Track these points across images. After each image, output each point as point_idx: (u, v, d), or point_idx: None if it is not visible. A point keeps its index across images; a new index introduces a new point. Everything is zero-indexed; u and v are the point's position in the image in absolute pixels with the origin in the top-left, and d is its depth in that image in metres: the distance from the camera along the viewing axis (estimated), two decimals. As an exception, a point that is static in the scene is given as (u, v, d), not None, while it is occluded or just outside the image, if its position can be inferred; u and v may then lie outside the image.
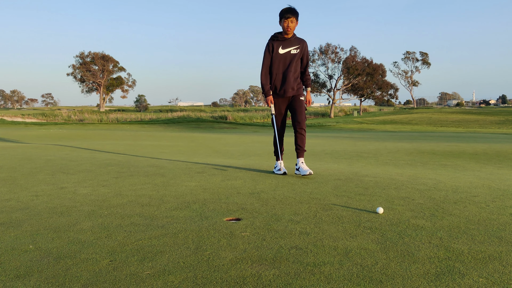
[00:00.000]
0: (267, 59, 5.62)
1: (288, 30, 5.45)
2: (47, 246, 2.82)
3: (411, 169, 7.17)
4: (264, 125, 38.19)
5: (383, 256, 2.61)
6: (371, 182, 5.16)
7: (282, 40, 5.55)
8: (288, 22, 5.42)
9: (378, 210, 3.68)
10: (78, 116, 57.18)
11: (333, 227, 3.26)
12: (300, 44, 5.61)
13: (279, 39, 5.55)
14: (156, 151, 10.31)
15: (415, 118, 46.67)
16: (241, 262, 2.52)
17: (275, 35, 5.58)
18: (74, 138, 16.17)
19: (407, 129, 33.16)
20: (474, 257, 2.61)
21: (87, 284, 2.22)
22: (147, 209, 3.82)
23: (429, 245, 2.83)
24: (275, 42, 5.57)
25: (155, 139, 16.26)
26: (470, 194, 4.53)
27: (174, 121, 39.11)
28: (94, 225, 3.33)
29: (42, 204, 4.07)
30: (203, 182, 5.19)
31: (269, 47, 5.60)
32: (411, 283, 2.22)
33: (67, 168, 6.53)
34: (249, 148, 11.99)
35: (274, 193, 4.51)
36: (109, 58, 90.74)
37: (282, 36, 5.54)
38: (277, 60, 5.58)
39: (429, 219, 3.47)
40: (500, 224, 3.34)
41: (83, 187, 4.91)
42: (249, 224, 3.32)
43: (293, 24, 5.46)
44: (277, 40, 5.57)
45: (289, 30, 5.45)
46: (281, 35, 5.55)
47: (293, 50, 5.58)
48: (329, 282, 2.22)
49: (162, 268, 2.43)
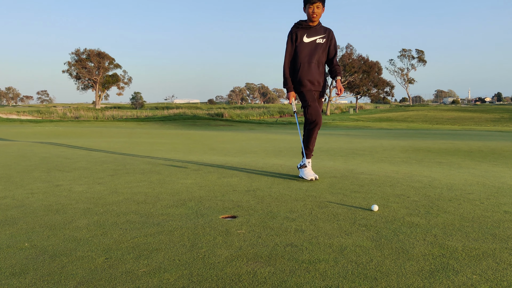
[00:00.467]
0: (290, 49, 5.11)
1: (313, 17, 4.94)
2: (42, 244, 2.82)
3: (407, 166, 7.19)
4: (261, 122, 38.19)
5: (378, 254, 2.63)
6: (367, 180, 5.18)
7: (307, 28, 5.06)
8: (313, 8, 4.90)
9: (373, 207, 3.70)
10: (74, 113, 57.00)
11: (329, 224, 3.27)
12: (327, 33, 5.11)
13: (304, 26, 5.05)
14: (152, 149, 10.30)
15: (410, 115, 46.81)
16: (237, 259, 2.53)
17: (299, 22, 5.08)
18: (69, 136, 16.13)
19: (402, 127, 33.25)
20: (468, 254, 2.62)
21: (82, 281, 2.23)
22: (143, 207, 3.82)
23: (424, 242, 2.85)
24: (299, 30, 5.06)
25: (151, 136, 16.23)
26: (465, 191, 4.56)
27: (170, 118, 39.05)
28: (89, 222, 3.33)
29: (37, 201, 4.07)
30: (199, 179, 5.19)
31: (292, 35, 5.10)
32: (406, 280, 2.24)
33: (63, 165, 6.51)
34: (245, 145, 11.99)
35: (270, 190, 4.52)
36: (104, 55, 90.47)
37: (307, 24, 5.04)
38: (302, 50, 5.06)
39: (424, 217, 3.49)
40: (494, 222, 3.36)
41: (79, 185, 4.90)
42: (244, 222, 3.33)
43: (319, 10, 4.94)
44: (301, 28, 5.06)
45: (315, 16, 4.94)
46: (306, 22, 5.04)
47: (319, 39, 5.07)
48: (324, 279, 2.24)
49: (158, 266, 2.43)
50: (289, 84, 5.15)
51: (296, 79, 5.13)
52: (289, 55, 5.11)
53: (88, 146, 10.40)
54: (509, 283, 2.20)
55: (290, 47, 5.10)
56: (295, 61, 5.11)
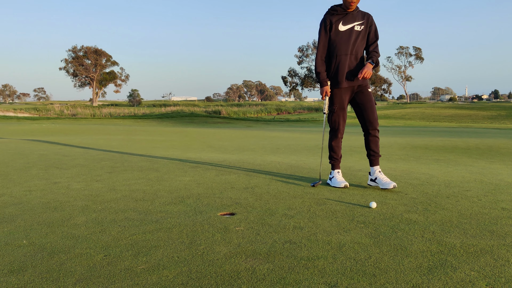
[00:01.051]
0: (324, 39, 4.50)
1: (351, 4, 4.35)
2: (40, 241, 2.81)
3: (404, 163, 7.20)
4: (258, 120, 38.18)
5: (376, 250, 2.63)
6: (365, 177, 5.19)
7: (343, 15, 4.44)
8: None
9: (371, 204, 3.70)
10: (71, 110, 56.85)
11: (327, 221, 3.27)
12: (365, 19, 4.46)
13: (339, 12, 4.43)
14: (150, 146, 10.29)
15: (408, 113, 46.87)
16: (235, 256, 2.53)
17: (333, 8, 4.48)
18: (67, 133, 16.10)
19: (400, 124, 33.30)
20: (466, 250, 2.63)
21: (81, 279, 2.22)
22: (141, 204, 3.82)
23: (422, 239, 2.86)
24: (334, 17, 4.45)
25: (148, 134, 16.22)
26: (463, 188, 4.57)
27: (168, 115, 39.01)
28: (88, 220, 3.32)
29: (35, 199, 4.06)
30: (197, 176, 5.19)
31: (325, 23, 4.48)
32: (404, 276, 2.24)
33: (60, 163, 6.50)
34: (243, 143, 11.99)
35: (268, 187, 4.52)
36: (101, 52, 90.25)
37: (342, 9, 4.42)
38: (338, 39, 4.44)
39: (422, 214, 3.50)
40: (492, 218, 3.37)
41: (77, 182, 4.89)
42: (243, 219, 3.33)
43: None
44: (336, 14, 4.45)
45: (352, 1, 4.34)
46: (341, 8, 4.43)
47: (357, 26, 4.43)
48: (323, 276, 2.24)
49: (157, 263, 2.43)
50: (321, 78, 4.53)
51: (331, 74, 4.53)
52: (322, 46, 4.51)
53: (85, 144, 10.38)
54: (507, 280, 2.20)
55: (323, 37, 4.50)
56: (330, 53, 4.51)
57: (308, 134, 16.69)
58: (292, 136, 15.46)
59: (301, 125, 30.95)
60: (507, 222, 3.28)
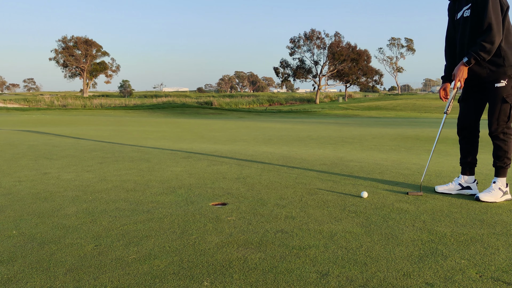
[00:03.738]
0: (448, 26, 3.90)
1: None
2: (30, 232, 2.79)
3: (396, 154, 7.23)
4: (250, 111, 38.13)
5: (368, 239, 2.64)
6: (356, 167, 5.20)
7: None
8: None
9: (363, 194, 3.71)
10: (61, 101, 56.35)
11: (319, 211, 3.28)
12: (472, 2, 3.55)
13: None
14: (141, 137, 10.24)
15: (399, 104, 47.02)
16: (227, 246, 2.53)
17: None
18: (57, 124, 15.97)
19: (391, 115, 33.41)
20: (457, 239, 2.65)
21: (72, 269, 2.21)
22: (132, 194, 3.80)
23: (413, 228, 2.87)
24: (453, 2, 3.84)
25: (140, 124, 16.13)
26: (453, 178, 4.59)
27: (159, 106, 38.79)
28: (78, 210, 3.30)
29: (25, 189, 4.02)
30: (188, 167, 5.17)
31: (449, 8, 3.88)
32: (395, 265, 2.25)
33: (51, 153, 6.45)
34: (235, 133, 11.97)
35: (260, 178, 4.52)
36: (92, 42, 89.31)
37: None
38: (456, 29, 3.80)
39: (413, 203, 3.51)
40: (482, 208, 3.40)
41: (67, 173, 4.86)
42: (235, 209, 3.33)
43: None
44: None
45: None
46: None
47: (466, 11, 3.62)
48: (314, 265, 2.24)
49: (148, 253, 2.42)
50: (444, 74, 3.98)
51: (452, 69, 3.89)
52: (446, 36, 3.91)
53: (76, 134, 10.31)
54: (496, 267, 2.22)
55: (448, 25, 3.89)
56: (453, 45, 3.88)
57: (300, 125, 16.70)
58: (284, 127, 15.46)
59: (293, 116, 30.96)
60: (497, 211, 3.30)
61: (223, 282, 2.06)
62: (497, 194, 3.63)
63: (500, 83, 3.58)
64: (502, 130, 3.61)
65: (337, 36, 66.56)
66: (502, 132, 3.61)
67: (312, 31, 66.34)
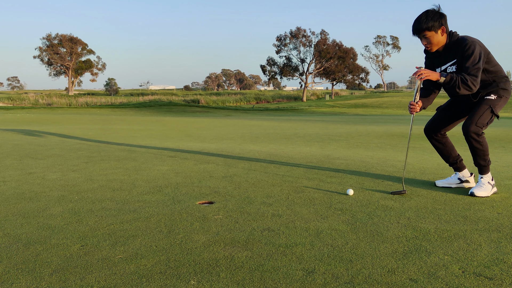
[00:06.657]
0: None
1: (428, 48, 3.81)
2: (16, 232, 2.77)
3: (381, 151, 7.30)
4: (237, 108, 38.09)
5: (353, 236, 2.67)
6: (342, 165, 5.24)
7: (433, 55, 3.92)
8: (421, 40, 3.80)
9: (349, 191, 3.75)
10: (46, 100, 55.71)
11: (305, 209, 3.30)
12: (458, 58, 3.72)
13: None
14: (127, 136, 10.18)
15: (385, 101, 47.36)
16: (214, 244, 2.54)
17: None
18: (42, 123, 15.79)
19: (377, 113, 33.65)
20: (440, 235, 2.69)
21: (58, 269, 2.20)
22: (119, 194, 3.79)
23: (398, 225, 2.91)
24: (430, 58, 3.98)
25: (126, 123, 16.03)
26: (437, 175, 4.66)
27: (146, 105, 38.57)
28: (64, 210, 3.28)
29: (10, 189, 3.99)
30: (175, 166, 5.16)
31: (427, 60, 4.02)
32: (380, 261, 2.28)
33: (36, 153, 6.38)
34: (222, 131, 11.96)
35: (247, 176, 4.53)
36: (77, 40, 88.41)
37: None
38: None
39: (398, 200, 3.56)
40: (465, 204, 3.45)
41: (53, 172, 4.82)
42: (221, 207, 3.34)
43: (429, 39, 3.73)
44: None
45: (429, 47, 3.79)
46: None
47: (450, 67, 3.80)
48: (301, 262, 2.27)
49: (135, 252, 2.42)
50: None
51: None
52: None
53: (61, 133, 10.21)
54: (479, 263, 2.27)
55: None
56: None
57: (287, 123, 16.74)
58: (271, 125, 15.48)
59: (280, 114, 31.01)
60: (480, 207, 3.36)
61: (210, 281, 2.07)
62: (488, 188, 3.80)
63: (490, 96, 3.78)
64: (477, 132, 3.69)
65: (323, 34, 66.85)
66: (476, 133, 3.69)
67: (298, 29, 66.53)
